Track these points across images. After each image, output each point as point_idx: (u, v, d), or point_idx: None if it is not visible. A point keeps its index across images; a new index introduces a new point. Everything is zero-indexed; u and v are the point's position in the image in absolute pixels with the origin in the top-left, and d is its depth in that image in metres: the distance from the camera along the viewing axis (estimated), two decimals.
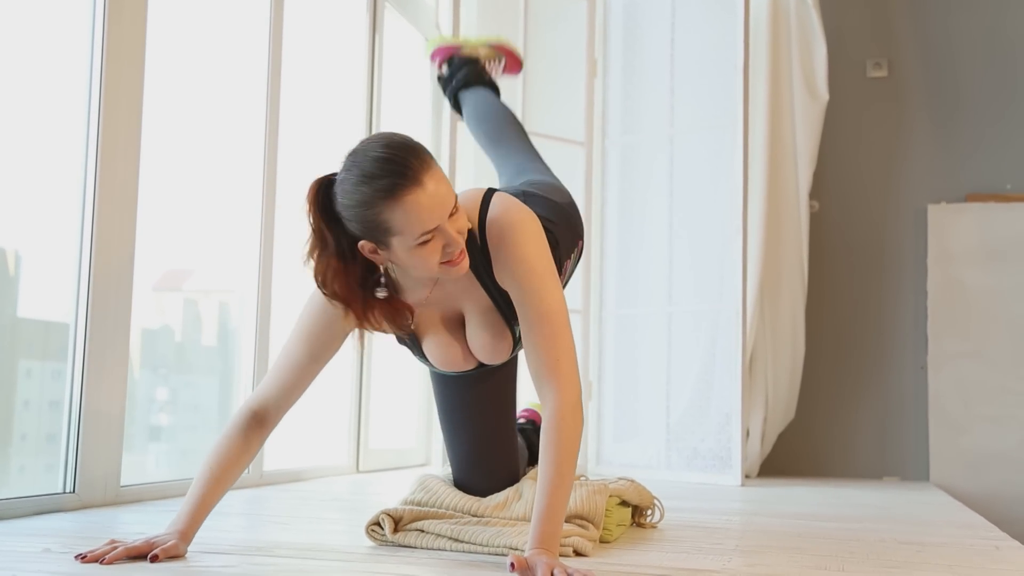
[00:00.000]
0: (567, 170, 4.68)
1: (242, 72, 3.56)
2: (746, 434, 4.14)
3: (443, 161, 4.23)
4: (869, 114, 5.01)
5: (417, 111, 4.85)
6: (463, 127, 4.43)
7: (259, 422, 1.97)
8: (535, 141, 4.63)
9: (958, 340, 4.66)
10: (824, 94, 4.66)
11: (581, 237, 2.36)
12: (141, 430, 3.26)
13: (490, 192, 1.96)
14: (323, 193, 1.79)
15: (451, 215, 1.75)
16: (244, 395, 3.45)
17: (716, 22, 4.28)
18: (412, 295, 1.97)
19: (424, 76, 4.88)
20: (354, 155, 1.76)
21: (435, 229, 1.73)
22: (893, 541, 2.33)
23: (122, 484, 2.75)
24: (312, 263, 1.82)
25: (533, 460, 2.78)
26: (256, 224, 3.49)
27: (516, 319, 1.97)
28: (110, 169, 2.69)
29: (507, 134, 2.77)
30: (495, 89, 2.98)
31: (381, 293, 1.91)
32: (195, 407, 3.62)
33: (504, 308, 1.98)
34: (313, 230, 1.81)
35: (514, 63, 3.11)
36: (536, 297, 1.86)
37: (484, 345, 2.02)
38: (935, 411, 4.64)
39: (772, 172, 4.53)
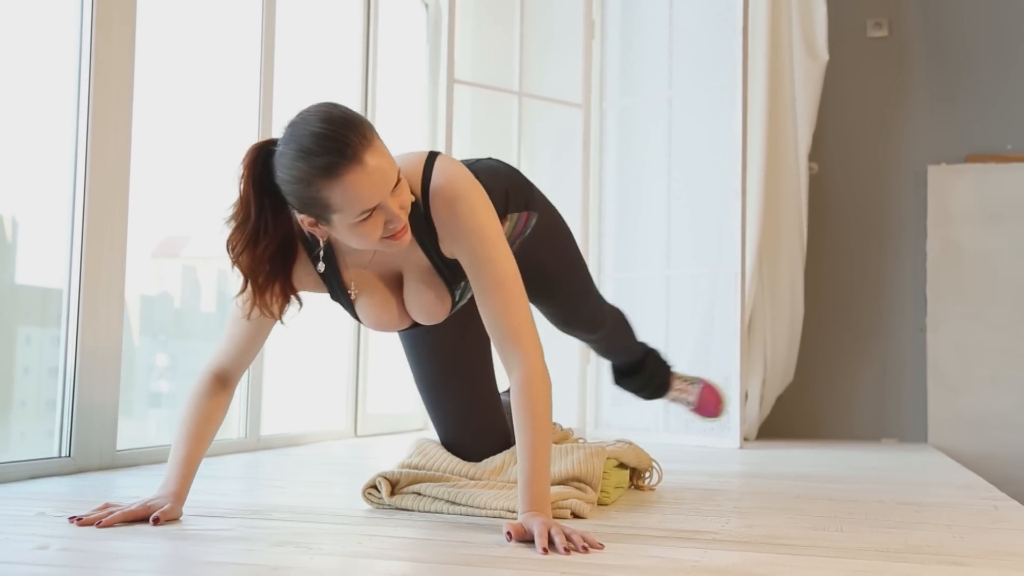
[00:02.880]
0: (564, 133, 4.66)
1: (237, 37, 3.53)
2: (745, 397, 4.14)
3: (439, 127, 4.20)
4: (869, 75, 4.97)
5: (413, 75, 4.81)
6: (460, 93, 4.39)
7: (223, 383, 1.97)
8: (532, 103, 4.62)
9: (957, 301, 4.65)
10: (824, 55, 4.62)
11: (527, 207, 2.24)
12: (141, 396, 3.26)
13: (432, 156, 1.91)
14: (261, 161, 1.75)
15: (393, 189, 1.71)
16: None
17: None
18: (353, 259, 1.94)
19: (420, 40, 4.84)
20: (292, 127, 1.70)
21: (376, 206, 1.69)
22: (891, 502, 2.33)
23: (118, 448, 2.74)
24: (229, 230, 1.81)
25: None
26: None
27: (456, 282, 1.97)
28: (102, 135, 2.67)
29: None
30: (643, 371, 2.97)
31: (321, 267, 1.88)
32: (194, 373, 3.61)
33: (444, 271, 1.95)
34: (240, 198, 1.78)
35: (707, 405, 3.08)
36: (491, 265, 1.84)
37: (425, 305, 1.98)
38: (933, 372, 4.64)
39: (771, 134, 4.50)
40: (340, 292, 1.97)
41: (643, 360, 2.94)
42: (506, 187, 2.13)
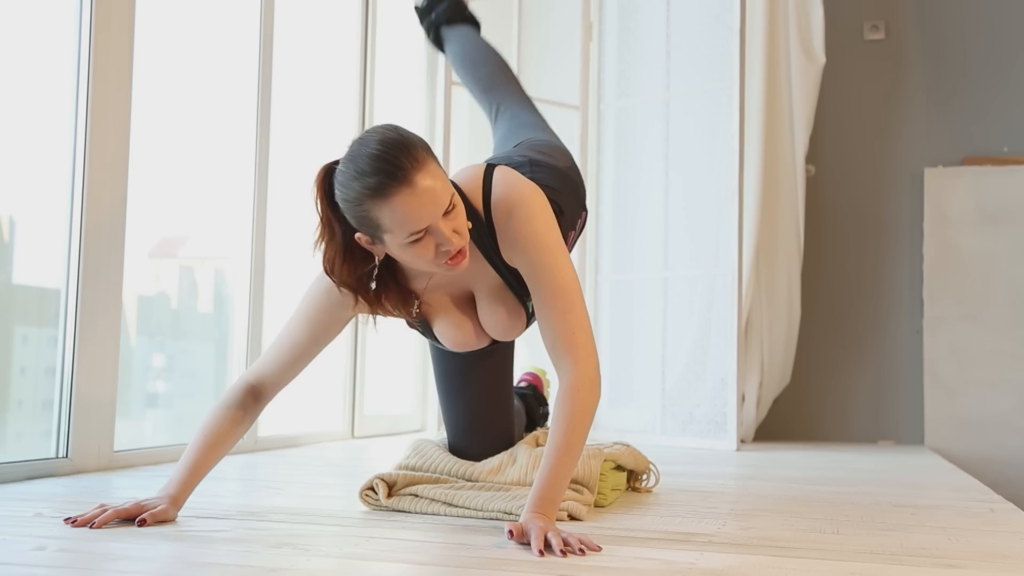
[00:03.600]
0: (562, 134, 4.64)
1: (235, 39, 3.53)
2: (741, 399, 4.14)
3: (437, 128, 4.21)
4: (866, 77, 4.98)
5: (411, 77, 4.81)
6: (458, 94, 4.40)
7: (255, 397, 1.97)
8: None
9: (954, 304, 4.66)
10: (821, 57, 4.62)
11: (584, 207, 2.33)
12: (138, 397, 3.26)
13: (491, 168, 1.93)
14: (328, 180, 1.77)
15: (447, 213, 1.72)
16: (239, 362, 3.44)
17: None
18: (417, 280, 1.95)
19: (418, 42, 4.84)
20: (352, 147, 1.73)
21: (426, 229, 1.70)
22: (888, 504, 2.33)
23: (115, 449, 2.74)
24: (320, 250, 1.81)
25: (531, 425, 2.78)
26: (249, 190, 3.47)
27: (528, 295, 1.96)
28: (100, 135, 2.67)
29: (499, 82, 2.71)
30: (476, 25, 2.90)
31: (372, 285, 1.90)
32: (191, 374, 3.62)
33: (515, 285, 1.97)
34: (320, 218, 1.79)
35: None
36: (548, 272, 1.85)
37: (499, 322, 2.00)
38: (930, 375, 4.64)
39: (768, 136, 4.51)
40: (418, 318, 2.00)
41: (433, 23, 2.92)
42: (578, 198, 2.23)
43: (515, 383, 2.98)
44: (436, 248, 1.73)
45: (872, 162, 4.94)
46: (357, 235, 1.77)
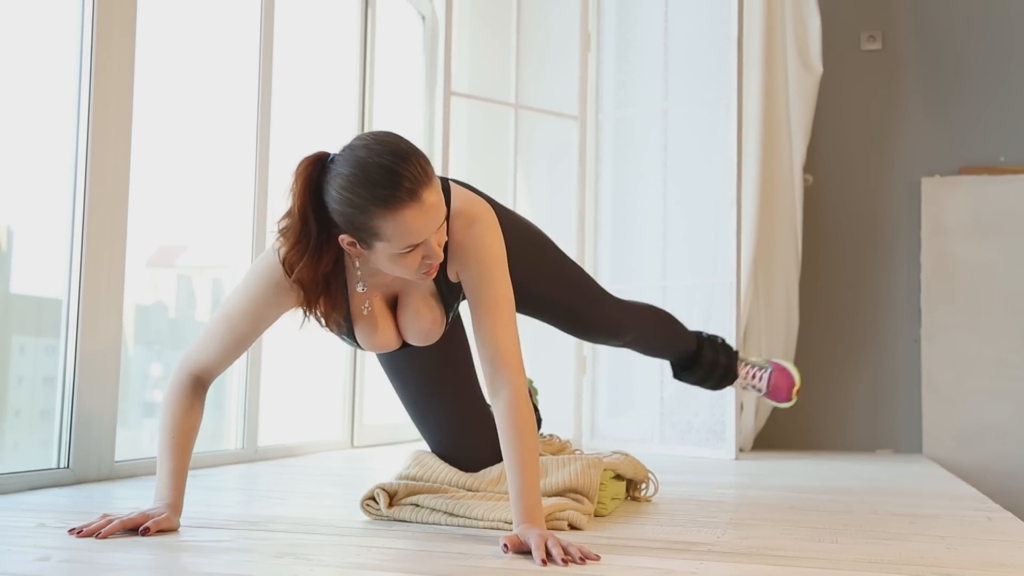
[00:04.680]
0: (561, 144, 4.68)
1: (235, 47, 3.54)
2: (740, 408, 4.15)
3: (436, 138, 4.22)
4: (863, 87, 5.00)
5: (410, 87, 4.83)
6: (457, 104, 4.41)
7: (201, 385, 1.97)
8: (528, 115, 4.64)
9: (951, 313, 4.67)
10: (818, 67, 4.64)
11: None
12: (135, 406, 3.26)
13: (445, 182, 1.97)
14: (316, 174, 1.76)
15: (439, 228, 1.76)
16: (237, 371, 3.45)
17: None
18: (373, 280, 1.96)
19: (417, 52, 4.86)
20: (355, 150, 1.72)
21: (422, 243, 1.74)
22: (886, 513, 2.34)
23: (116, 459, 2.75)
24: (284, 243, 1.80)
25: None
26: (249, 200, 3.48)
27: (452, 305, 2.03)
28: (102, 145, 2.68)
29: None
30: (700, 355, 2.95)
31: (361, 287, 1.92)
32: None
33: (445, 293, 2.01)
34: (297, 211, 1.76)
35: (779, 391, 3.05)
36: (492, 286, 1.89)
37: (422, 328, 2.03)
38: (928, 383, 4.65)
39: (766, 145, 4.52)
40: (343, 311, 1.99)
41: (698, 351, 2.91)
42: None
43: None
44: (422, 259, 1.77)
45: (869, 171, 4.95)
46: (341, 236, 1.77)
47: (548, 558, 1.58)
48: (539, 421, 2.91)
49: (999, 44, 4.89)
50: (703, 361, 2.91)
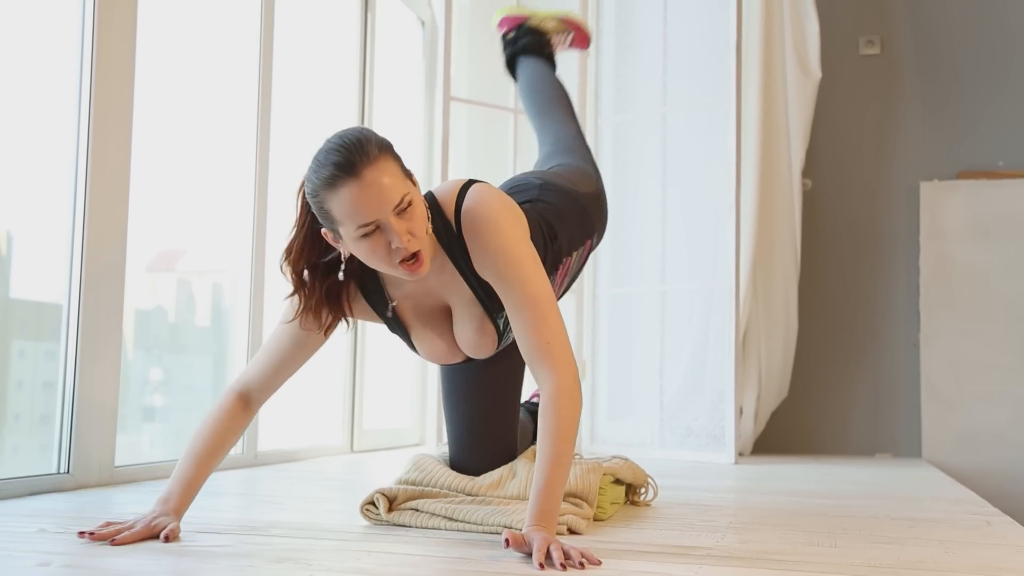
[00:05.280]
0: None
1: (234, 52, 3.55)
2: (739, 412, 4.15)
3: (436, 143, 4.23)
4: (862, 92, 5.01)
5: (409, 92, 4.84)
6: (456, 109, 4.43)
7: (245, 405, 1.98)
8: (527, 120, 4.64)
9: (950, 317, 4.67)
10: (817, 72, 4.65)
11: (592, 235, 2.37)
12: (135, 411, 3.27)
13: (469, 183, 1.96)
14: None
15: (401, 212, 1.75)
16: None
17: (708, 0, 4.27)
18: (395, 288, 1.97)
19: (416, 58, 4.86)
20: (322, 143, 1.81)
21: (374, 223, 1.73)
22: (885, 517, 2.34)
23: (116, 464, 2.75)
24: (288, 245, 1.88)
25: (535, 439, 2.79)
26: (249, 204, 3.49)
27: (499, 311, 1.99)
28: (102, 150, 2.68)
29: (553, 108, 2.79)
30: (552, 63, 2.99)
31: (341, 276, 1.94)
32: (189, 388, 3.62)
33: (486, 300, 1.98)
34: (298, 211, 1.88)
35: (582, 38, 3.11)
36: (517, 284, 1.86)
37: (467, 339, 2.03)
38: (927, 388, 4.65)
39: (765, 150, 4.53)
40: (395, 325, 2.02)
41: (513, 51, 3.00)
42: (585, 224, 2.31)
43: (528, 399, 3.00)
44: (388, 246, 1.76)
45: (868, 176, 4.96)
46: (323, 230, 1.82)
47: (547, 561, 1.58)
48: None
49: (997, 49, 4.90)
50: (517, 46, 3.00)
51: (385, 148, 1.77)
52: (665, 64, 4.38)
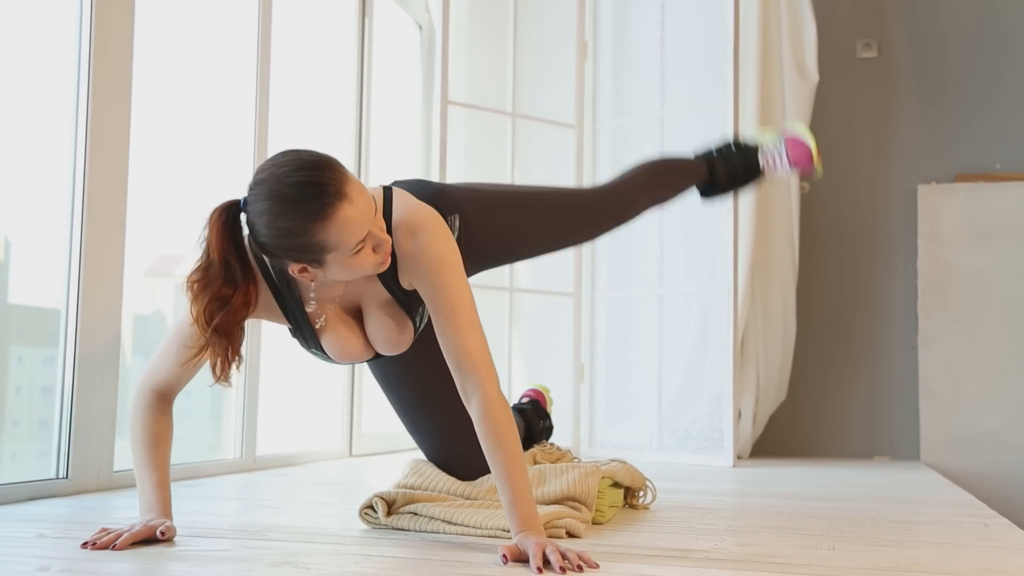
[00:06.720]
0: (558, 153, 4.69)
1: (231, 56, 3.55)
2: (738, 415, 4.15)
3: (433, 147, 4.22)
4: (859, 95, 5.01)
5: (407, 96, 4.84)
6: (454, 113, 4.42)
7: (165, 400, 1.96)
8: (526, 124, 4.65)
9: (948, 320, 4.68)
10: (814, 75, 4.65)
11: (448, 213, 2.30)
12: None
13: (389, 190, 1.97)
14: (230, 220, 1.77)
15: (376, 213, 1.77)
16: (235, 380, 3.44)
17: (706, 3, 4.27)
18: (321, 293, 1.96)
19: (414, 62, 4.87)
20: (264, 184, 1.71)
21: (367, 235, 1.74)
22: (883, 520, 2.35)
23: (115, 469, 2.75)
24: (197, 291, 1.78)
25: (532, 439, 2.79)
26: None
27: (414, 308, 2.00)
28: (100, 155, 2.68)
29: (640, 192, 2.68)
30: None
31: (311, 307, 1.94)
32: (187, 393, 3.58)
33: (404, 301, 1.99)
34: (218, 260, 1.77)
35: (800, 160, 2.88)
36: (450, 291, 1.87)
37: (388, 336, 2.02)
38: (925, 390, 4.66)
39: None
40: (305, 328, 1.99)
41: (711, 174, 2.84)
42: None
43: (517, 401, 3.00)
44: (374, 250, 1.77)
45: (866, 179, 4.97)
46: (292, 266, 1.77)
47: (546, 565, 1.58)
48: (550, 430, 2.92)
49: (995, 52, 4.91)
50: (719, 179, 2.84)
51: (339, 162, 1.74)
52: (663, 68, 4.39)
